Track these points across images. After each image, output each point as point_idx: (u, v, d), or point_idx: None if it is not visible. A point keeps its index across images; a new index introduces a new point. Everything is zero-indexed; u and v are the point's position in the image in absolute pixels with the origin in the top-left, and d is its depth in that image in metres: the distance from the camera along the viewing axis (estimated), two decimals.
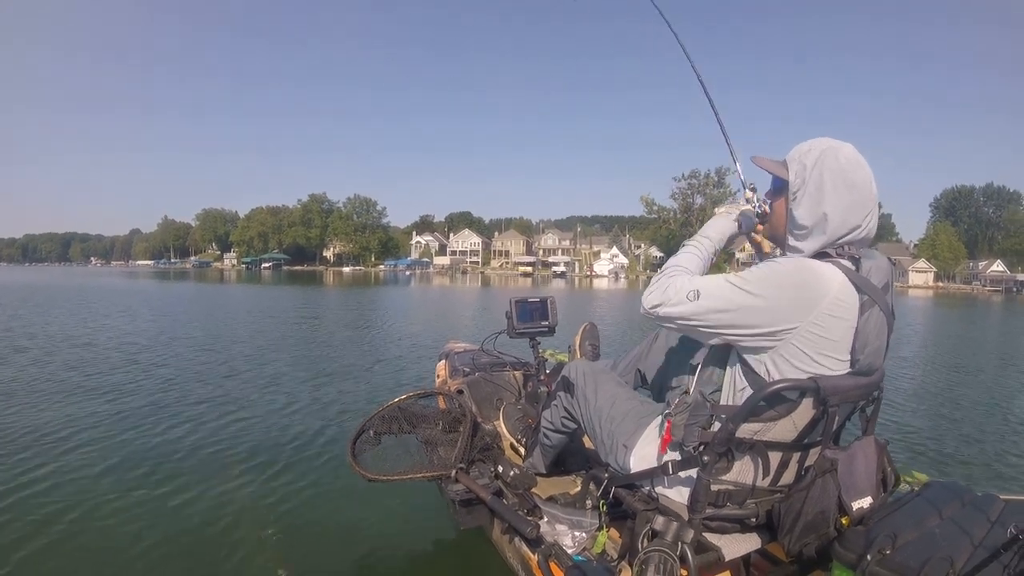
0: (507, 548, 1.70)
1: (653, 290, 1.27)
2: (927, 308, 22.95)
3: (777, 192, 1.30)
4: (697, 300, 1.19)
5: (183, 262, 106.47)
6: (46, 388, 4.50)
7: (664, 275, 1.30)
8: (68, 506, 2.39)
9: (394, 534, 2.31)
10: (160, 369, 5.41)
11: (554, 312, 2.42)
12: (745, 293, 1.15)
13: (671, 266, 1.34)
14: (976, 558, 1.04)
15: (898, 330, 1.52)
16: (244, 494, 2.59)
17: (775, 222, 1.32)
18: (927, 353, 8.69)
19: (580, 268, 73.35)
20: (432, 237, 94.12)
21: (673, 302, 1.22)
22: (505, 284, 39.94)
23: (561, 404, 1.74)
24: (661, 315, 1.25)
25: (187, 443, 3.24)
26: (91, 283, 26.24)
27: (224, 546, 2.14)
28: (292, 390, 4.73)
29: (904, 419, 4.44)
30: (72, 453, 3.00)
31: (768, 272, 1.16)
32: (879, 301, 1.15)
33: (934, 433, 4.09)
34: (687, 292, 1.21)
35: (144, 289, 21.80)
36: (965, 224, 74.63)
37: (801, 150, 1.24)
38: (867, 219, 1.19)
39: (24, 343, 6.86)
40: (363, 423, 2.06)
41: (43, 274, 45.81)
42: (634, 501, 1.34)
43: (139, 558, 2.04)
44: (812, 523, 1.16)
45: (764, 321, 1.14)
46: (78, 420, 3.60)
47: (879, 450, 1.25)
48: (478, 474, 1.79)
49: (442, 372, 2.82)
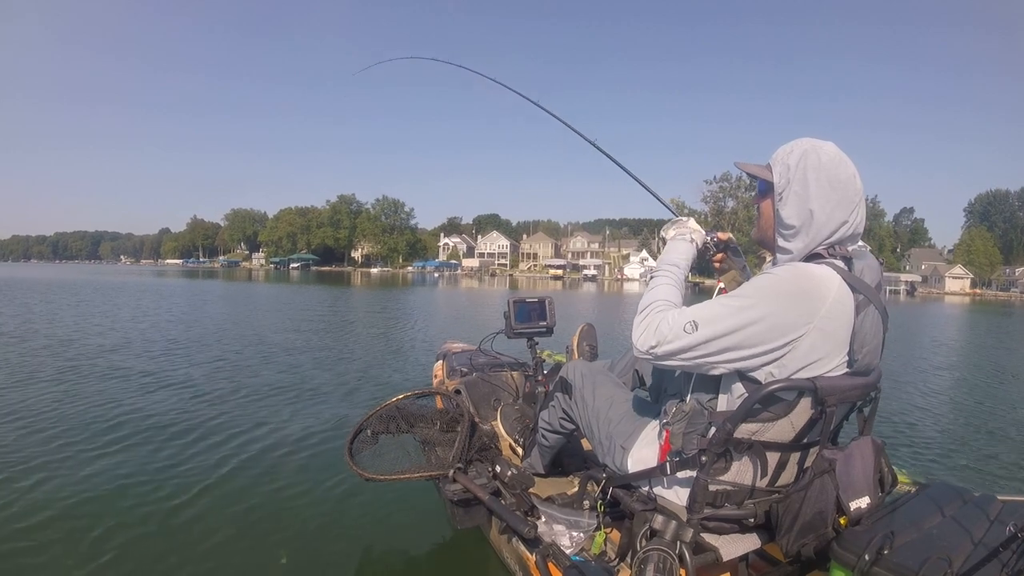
0: (505, 548, 1.70)
1: (643, 331, 1.21)
2: (960, 316, 22.25)
3: (763, 195, 1.29)
4: (696, 331, 1.14)
5: (211, 261, 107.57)
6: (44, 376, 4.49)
7: (650, 313, 1.23)
8: (59, 498, 2.38)
9: (391, 534, 2.31)
10: (160, 361, 5.39)
11: (552, 312, 2.42)
12: (745, 311, 1.11)
13: (653, 302, 1.26)
14: (974, 558, 1.05)
15: (922, 336, 1.51)
16: (240, 494, 2.58)
17: (763, 224, 1.30)
18: (935, 358, 8.72)
19: (610, 271, 73.28)
20: (460, 239, 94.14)
21: (670, 339, 1.16)
22: (534, 287, 39.75)
23: (559, 405, 1.74)
24: (660, 355, 1.18)
25: (181, 442, 3.23)
26: (130, 281, 26.33)
27: (221, 545, 2.13)
28: (299, 388, 4.73)
29: (903, 420, 4.45)
30: (60, 446, 2.99)
31: (764, 284, 1.14)
32: (874, 300, 1.15)
33: (932, 434, 4.11)
34: (683, 325, 1.15)
35: (177, 287, 22.04)
36: (1000, 229, 73.21)
37: (783, 151, 1.24)
38: (854, 214, 1.19)
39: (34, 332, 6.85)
40: (360, 422, 2.05)
41: (75, 272, 45.66)
42: (632, 501, 1.34)
43: (138, 557, 2.03)
44: (810, 523, 1.15)
45: (770, 336, 1.11)
46: (82, 411, 3.59)
47: (876, 450, 1.25)
48: (476, 474, 1.79)
49: (439, 372, 2.82)
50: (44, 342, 6.85)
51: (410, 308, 15.10)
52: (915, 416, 4.65)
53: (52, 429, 3.38)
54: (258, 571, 2.00)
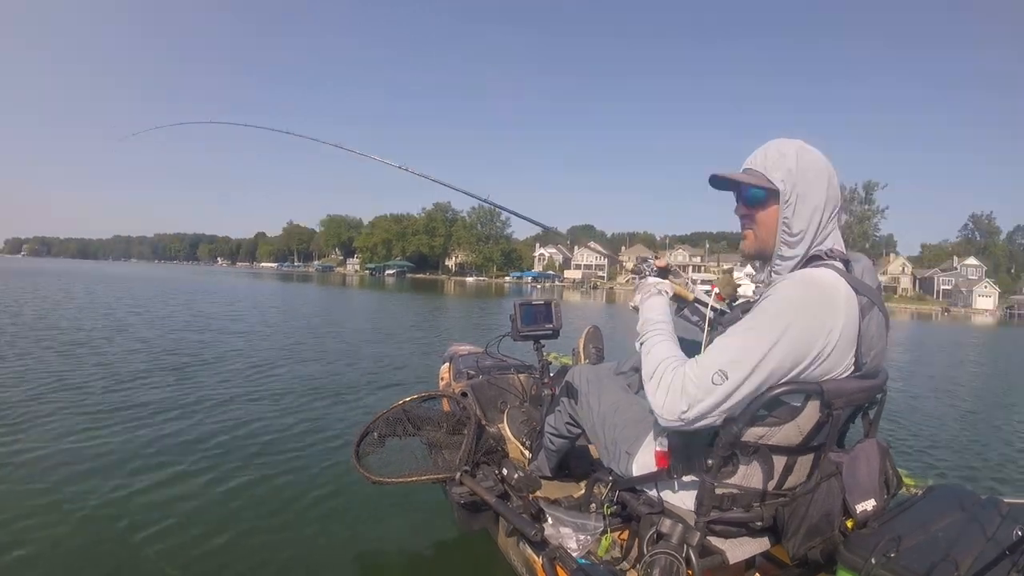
0: (512, 551, 1.71)
1: (666, 396, 1.10)
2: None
3: (761, 204, 1.23)
4: (727, 379, 1.05)
5: (306, 266, 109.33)
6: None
7: (664, 374, 1.13)
8: (63, 498, 2.41)
9: (398, 536, 2.32)
10: (166, 358, 5.43)
11: (558, 315, 2.43)
12: (769, 337, 1.06)
13: (661, 362, 1.16)
14: (981, 561, 1.04)
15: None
16: (247, 494, 2.59)
17: (764, 235, 1.24)
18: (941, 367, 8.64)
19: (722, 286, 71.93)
20: (556, 249, 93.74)
21: (700, 396, 1.06)
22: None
23: (565, 410, 1.75)
24: (694, 418, 1.07)
25: (190, 439, 3.25)
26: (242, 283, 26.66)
27: (227, 545, 2.15)
28: (337, 391, 4.76)
29: (907, 423, 4.42)
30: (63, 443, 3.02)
31: (782, 302, 1.09)
32: (877, 302, 1.15)
33: (936, 436, 4.08)
34: (709, 377, 1.06)
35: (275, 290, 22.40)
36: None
37: (776, 154, 1.20)
38: (836, 191, 1.22)
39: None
40: (367, 425, 2.06)
41: (178, 271, 46.06)
42: (638, 505, 1.35)
43: (137, 555, 2.04)
44: (817, 526, 1.16)
45: (802, 355, 1.07)
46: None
47: (882, 452, 1.25)
48: (483, 477, 1.80)
49: (446, 375, 2.83)
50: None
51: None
52: (919, 418, 4.62)
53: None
54: (261, 572, 2.01)
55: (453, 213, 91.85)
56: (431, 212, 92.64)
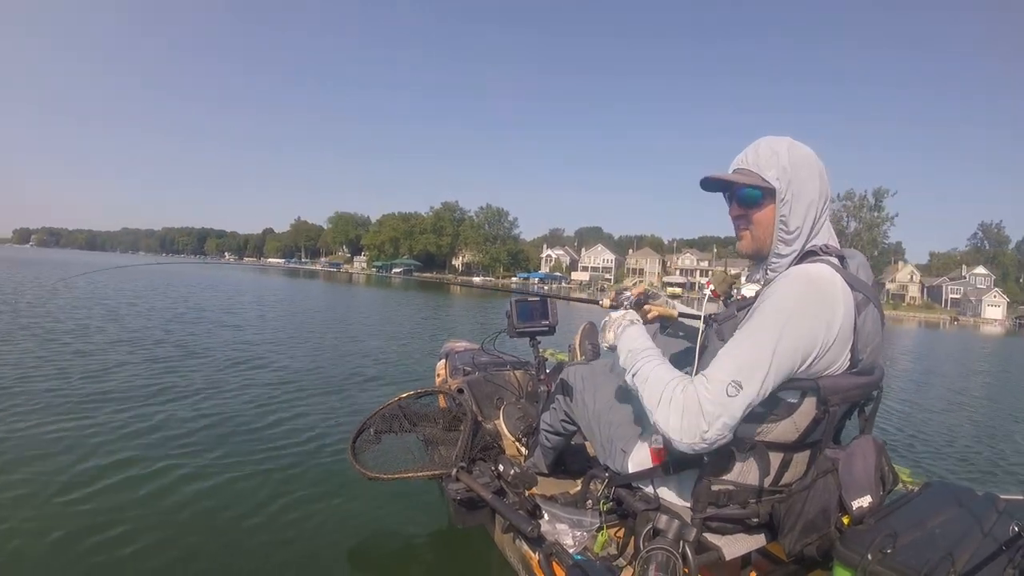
0: (508, 547, 1.71)
1: (681, 418, 1.06)
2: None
3: (756, 204, 1.22)
4: (741, 388, 1.04)
5: (313, 262, 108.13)
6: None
7: (674, 395, 1.09)
8: (58, 491, 2.39)
9: (394, 533, 2.32)
10: (158, 349, 5.40)
11: (554, 312, 2.42)
12: (776, 339, 1.05)
13: (666, 384, 1.12)
14: (977, 556, 1.05)
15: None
16: (243, 491, 2.58)
17: (760, 235, 1.23)
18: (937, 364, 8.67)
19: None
20: (563, 251, 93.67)
21: (717, 413, 1.04)
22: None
23: (560, 407, 1.75)
24: (713, 437, 1.05)
25: (181, 432, 3.22)
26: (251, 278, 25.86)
27: (222, 544, 2.14)
28: (326, 388, 4.71)
29: (904, 419, 4.44)
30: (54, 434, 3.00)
31: (777, 302, 1.09)
32: (873, 299, 1.15)
33: (933, 433, 4.10)
34: (723, 390, 1.04)
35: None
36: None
37: (768, 152, 1.19)
38: (827, 185, 1.22)
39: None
40: (364, 421, 2.06)
41: (187, 265, 45.65)
42: (635, 501, 1.35)
43: (135, 554, 2.03)
44: (813, 522, 1.16)
45: (807, 349, 1.07)
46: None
47: (878, 449, 1.25)
48: (479, 473, 1.80)
49: (442, 371, 2.83)
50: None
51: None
52: (915, 415, 4.64)
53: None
54: (258, 570, 2.01)
55: (461, 213, 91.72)
56: (439, 211, 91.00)
